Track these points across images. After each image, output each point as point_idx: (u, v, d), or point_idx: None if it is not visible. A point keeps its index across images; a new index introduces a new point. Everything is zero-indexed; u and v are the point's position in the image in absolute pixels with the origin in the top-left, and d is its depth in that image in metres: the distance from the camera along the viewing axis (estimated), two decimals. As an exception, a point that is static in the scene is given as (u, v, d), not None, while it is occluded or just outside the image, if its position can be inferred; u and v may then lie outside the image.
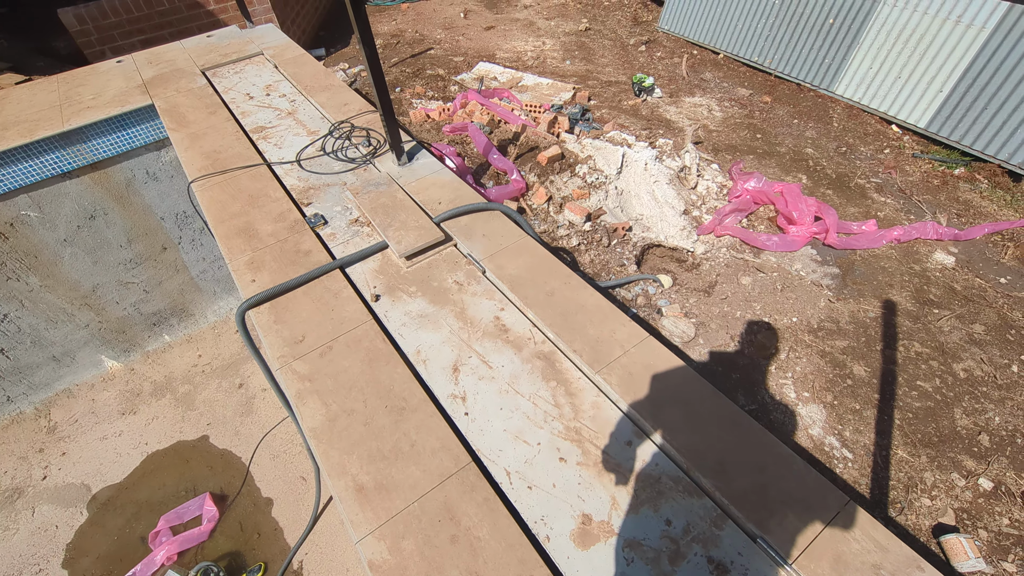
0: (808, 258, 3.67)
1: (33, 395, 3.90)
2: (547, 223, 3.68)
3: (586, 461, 1.42)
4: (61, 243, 3.49)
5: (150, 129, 3.33)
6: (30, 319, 3.61)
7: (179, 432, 3.74)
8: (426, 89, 5.36)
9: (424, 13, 7.56)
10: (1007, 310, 3.28)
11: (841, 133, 4.96)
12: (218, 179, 2.47)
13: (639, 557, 1.24)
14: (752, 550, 1.24)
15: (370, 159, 2.55)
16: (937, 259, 3.63)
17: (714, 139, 4.87)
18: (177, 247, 4.01)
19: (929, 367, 2.99)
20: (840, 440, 2.68)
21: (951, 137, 4.55)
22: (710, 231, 3.81)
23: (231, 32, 4.00)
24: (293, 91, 3.17)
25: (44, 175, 3.15)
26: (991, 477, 2.53)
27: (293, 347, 1.74)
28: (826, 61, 5.28)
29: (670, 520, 1.30)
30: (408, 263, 2.02)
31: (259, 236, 2.16)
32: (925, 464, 2.59)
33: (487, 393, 1.59)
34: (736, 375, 2.98)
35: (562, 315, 1.79)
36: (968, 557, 2.20)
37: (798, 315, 3.28)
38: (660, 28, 6.88)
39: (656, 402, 1.52)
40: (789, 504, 1.30)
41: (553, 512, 1.33)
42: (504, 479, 1.40)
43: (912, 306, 3.33)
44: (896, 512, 2.44)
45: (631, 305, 3.31)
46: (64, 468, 3.59)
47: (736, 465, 1.37)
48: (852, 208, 4.09)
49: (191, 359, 4.22)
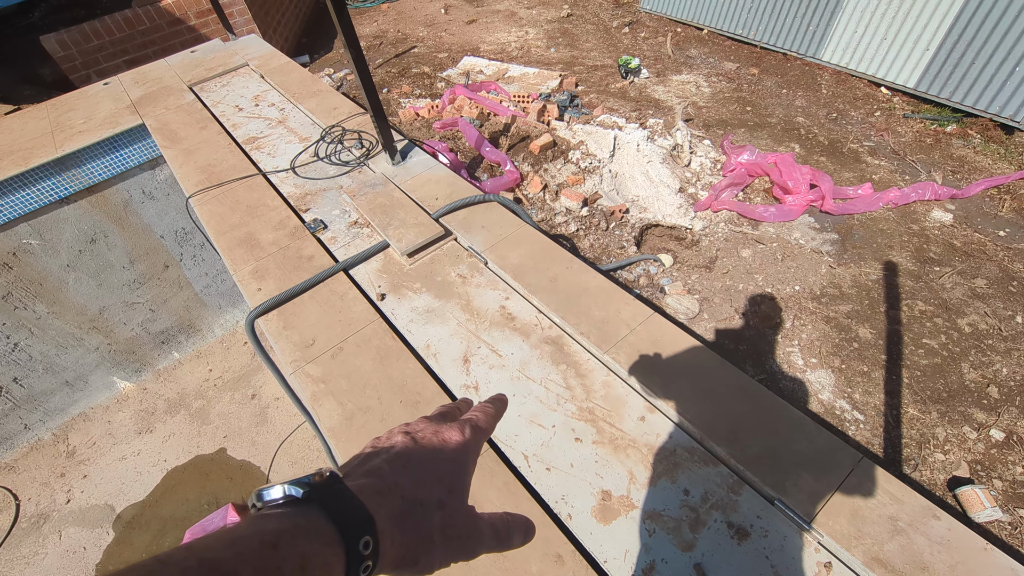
0: (806, 226, 3.68)
1: (50, 421, 3.94)
2: (544, 211, 3.70)
3: (601, 439, 1.45)
4: (65, 269, 3.52)
5: (143, 148, 3.34)
6: (40, 346, 3.65)
7: (196, 447, 3.78)
8: (413, 88, 5.35)
9: (405, 12, 7.53)
10: (1007, 263, 3.29)
11: (830, 99, 4.95)
12: (215, 192, 2.49)
13: (660, 528, 1.27)
14: (770, 512, 1.27)
15: (364, 161, 2.57)
16: (935, 217, 3.64)
17: (704, 115, 4.87)
18: (179, 264, 4.03)
19: (934, 324, 3.01)
20: (850, 403, 2.71)
21: (941, 95, 4.54)
22: (707, 207, 3.83)
23: (214, 46, 4.00)
24: (281, 99, 3.18)
25: (42, 202, 3.17)
26: (1002, 427, 2.56)
27: (304, 351, 1.76)
28: (810, 28, 5.26)
29: (688, 490, 1.32)
30: (410, 260, 2.04)
31: (261, 245, 2.18)
32: (936, 420, 2.61)
33: (499, 381, 1.62)
34: (743, 347, 3.00)
35: (566, 299, 1.81)
36: (984, 507, 2.23)
37: (800, 283, 3.30)
38: (642, 8, 6.85)
39: (665, 376, 1.54)
40: (803, 465, 1.32)
41: (573, 491, 1.36)
42: (522, 463, 1.43)
43: (913, 266, 3.34)
44: (910, 469, 2.47)
45: (633, 286, 3.33)
46: (87, 490, 3.64)
47: (749, 431, 1.40)
48: (847, 173, 4.10)
49: (202, 374, 4.26)
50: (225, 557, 0.32)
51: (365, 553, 0.39)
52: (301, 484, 0.40)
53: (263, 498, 0.40)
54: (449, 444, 0.50)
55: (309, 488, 0.40)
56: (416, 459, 0.48)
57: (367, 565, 0.39)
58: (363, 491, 0.42)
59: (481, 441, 0.55)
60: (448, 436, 0.51)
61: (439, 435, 0.51)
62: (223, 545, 0.33)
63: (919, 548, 1.16)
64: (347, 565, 0.37)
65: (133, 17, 4.91)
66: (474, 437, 0.53)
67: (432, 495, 0.46)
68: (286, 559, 0.34)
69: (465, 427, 0.53)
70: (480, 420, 0.56)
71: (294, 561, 0.34)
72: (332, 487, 0.41)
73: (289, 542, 0.35)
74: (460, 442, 0.51)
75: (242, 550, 0.33)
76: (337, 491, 0.41)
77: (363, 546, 0.38)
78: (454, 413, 0.57)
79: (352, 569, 0.38)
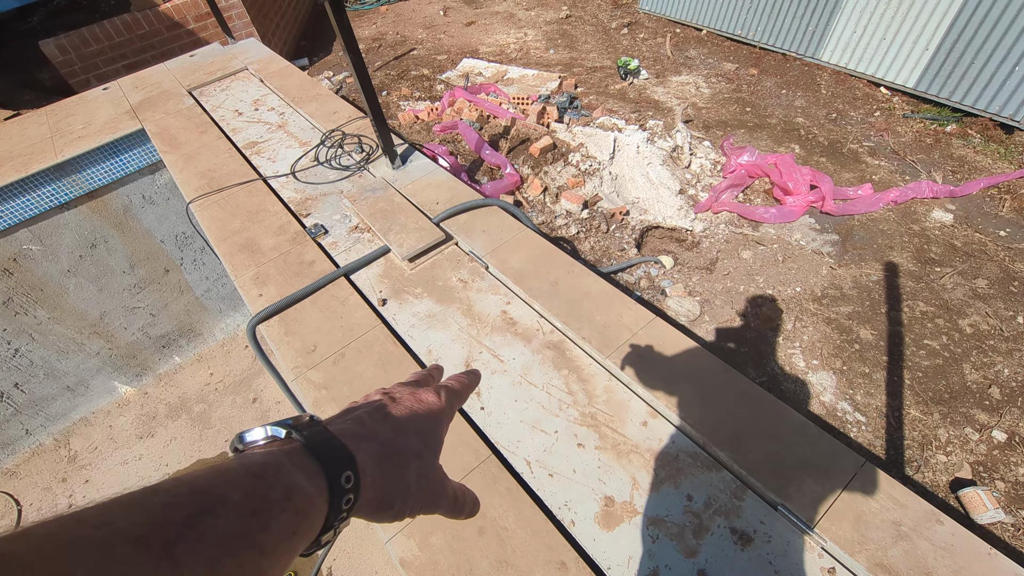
0: (807, 227, 3.68)
1: (51, 426, 3.94)
2: (544, 214, 3.70)
3: (604, 445, 1.45)
4: (65, 274, 3.52)
5: (143, 153, 3.34)
6: (41, 351, 3.65)
7: (198, 451, 3.78)
8: (412, 90, 5.35)
9: (403, 14, 7.53)
10: (1008, 262, 3.29)
11: (830, 100, 4.95)
12: (215, 198, 2.49)
13: (664, 534, 1.27)
14: (774, 517, 1.26)
15: (364, 165, 2.57)
16: (935, 217, 3.64)
17: (704, 116, 4.87)
18: (179, 268, 4.03)
19: (935, 325, 3.00)
20: (852, 404, 2.71)
21: (940, 94, 4.54)
22: (707, 208, 3.82)
23: (213, 50, 4.00)
24: (281, 104, 3.18)
25: (42, 208, 3.17)
26: (1004, 428, 2.55)
27: (306, 357, 1.76)
28: (809, 28, 5.26)
29: (691, 495, 1.32)
30: (411, 265, 2.04)
31: (262, 251, 2.18)
32: (938, 421, 2.61)
33: (501, 386, 1.62)
34: (744, 349, 3.00)
35: (568, 304, 1.81)
36: (987, 509, 2.23)
37: (801, 284, 3.30)
38: (641, 9, 6.85)
39: (668, 381, 1.54)
40: (806, 470, 1.32)
41: (576, 497, 1.36)
42: (525, 469, 1.43)
43: (914, 266, 3.34)
44: (913, 471, 2.47)
45: (634, 288, 3.33)
46: (89, 495, 3.63)
47: (751, 436, 1.39)
48: (847, 174, 4.10)
49: (203, 378, 4.25)
50: (214, 484, 0.33)
51: (347, 487, 0.40)
52: (283, 424, 0.42)
53: (244, 440, 0.41)
54: (426, 404, 0.52)
55: (291, 428, 0.41)
56: (395, 413, 0.50)
57: (348, 498, 0.41)
58: (344, 434, 0.44)
59: (455, 407, 0.57)
60: (425, 397, 0.53)
61: (416, 396, 0.53)
62: (211, 475, 0.34)
63: (923, 553, 1.16)
64: (330, 496, 0.39)
65: (132, 21, 4.91)
66: (449, 401, 0.55)
67: (410, 446, 0.48)
68: (272, 487, 0.35)
69: (441, 391, 0.55)
70: (455, 386, 0.58)
71: (279, 490, 0.36)
72: (313, 428, 0.43)
73: (274, 473, 0.36)
74: (436, 403, 0.53)
75: (230, 479, 0.34)
76: (318, 431, 0.42)
77: (344, 480, 0.40)
78: (428, 380, 0.59)
79: (335, 500, 0.39)
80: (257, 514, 0.34)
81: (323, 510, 0.39)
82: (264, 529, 0.34)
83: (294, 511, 0.36)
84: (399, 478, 0.46)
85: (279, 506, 0.35)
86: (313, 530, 0.38)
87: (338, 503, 0.40)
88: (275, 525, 0.34)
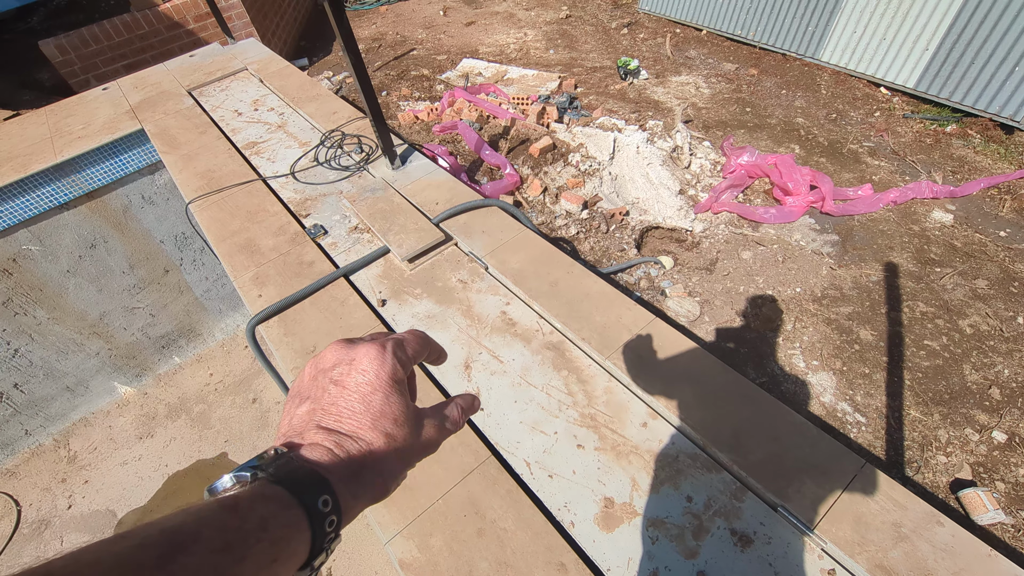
0: (807, 227, 3.68)
1: (51, 426, 3.94)
2: (544, 214, 3.70)
3: (603, 446, 1.44)
4: (65, 274, 3.51)
5: (142, 154, 3.34)
6: (41, 352, 3.64)
7: (198, 451, 3.77)
8: (412, 90, 5.35)
9: (403, 14, 7.53)
10: (1008, 263, 3.29)
11: (830, 100, 4.95)
12: (215, 198, 2.49)
13: (663, 535, 1.27)
14: (774, 519, 1.26)
15: (364, 165, 2.56)
16: (935, 218, 3.64)
17: (704, 116, 4.87)
18: (179, 269, 4.03)
19: (935, 326, 3.00)
20: (852, 405, 2.70)
21: (940, 94, 4.53)
22: (707, 209, 3.82)
23: (213, 50, 4.00)
24: (281, 104, 3.18)
25: (42, 208, 3.17)
26: (1004, 429, 2.55)
27: (305, 358, 1.76)
28: (809, 28, 5.26)
29: (691, 496, 1.32)
30: (411, 266, 2.04)
31: (261, 251, 2.18)
32: (938, 422, 2.61)
33: (500, 387, 1.61)
34: (744, 350, 3.00)
35: (567, 304, 1.80)
36: (987, 509, 2.22)
37: (801, 285, 3.30)
38: (641, 9, 6.85)
39: (667, 382, 1.54)
40: (806, 471, 1.32)
41: (576, 498, 1.36)
42: (524, 470, 1.42)
43: (914, 267, 3.34)
44: (913, 471, 2.46)
45: (634, 289, 3.33)
46: (88, 496, 3.63)
47: (751, 437, 1.39)
48: (847, 174, 4.10)
49: (203, 378, 4.25)
50: (186, 523, 0.33)
51: (326, 511, 0.40)
52: (247, 466, 0.41)
53: (215, 491, 0.41)
54: (366, 374, 0.48)
55: (255, 468, 0.41)
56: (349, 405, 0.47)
57: (331, 519, 0.41)
58: (314, 455, 0.44)
59: (407, 356, 0.52)
60: (361, 364, 0.49)
61: (353, 366, 0.49)
62: (184, 514, 0.34)
63: (923, 555, 1.16)
64: (310, 521, 0.39)
65: (132, 21, 4.91)
66: (394, 351, 0.51)
67: (377, 439, 0.46)
68: (245, 519, 0.35)
69: (386, 343, 0.51)
70: (400, 337, 0.54)
71: (253, 521, 0.36)
72: (279, 460, 0.42)
73: (248, 506, 0.37)
74: (376, 364, 0.49)
75: (204, 516, 0.34)
76: (284, 463, 0.42)
77: (322, 504, 0.40)
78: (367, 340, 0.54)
79: (316, 525, 0.40)
80: (232, 547, 0.34)
81: (306, 536, 0.39)
82: (239, 561, 0.34)
83: (271, 540, 0.36)
84: (381, 475, 0.46)
85: (255, 536, 0.35)
86: (297, 556, 0.39)
87: (320, 527, 0.40)
88: (251, 556, 0.34)
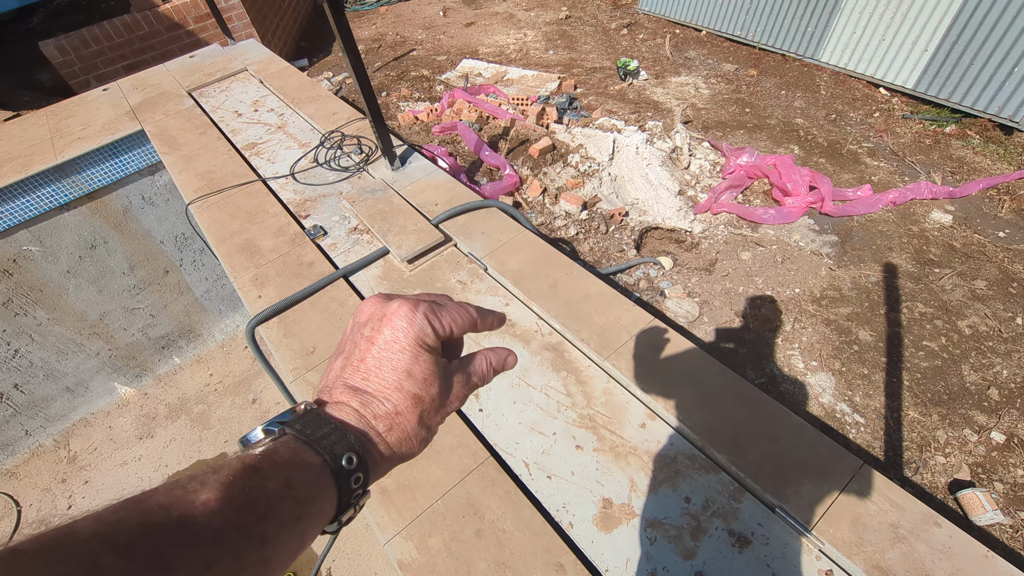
0: (806, 228, 3.68)
1: (51, 427, 3.94)
2: (544, 215, 3.70)
3: (602, 447, 1.45)
4: (65, 275, 3.52)
5: (142, 154, 3.34)
6: (41, 352, 3.65)
7: (198, 452, 3.78)
8: (412, 91, 5.36)
9: (403, 15, 7.54)
10: (1007, 264, 3.29)
11: (829, 101, 4.95)
12: (215, 199, 2.49)
13: (661, 536, 1.27)
14: (771, 520, 1.27)
15: (363, 166, 2.57)
16: (934, 218, 3.64)
17: (703, 117, 4.87)
18: (179, 269, 4.04)
19: (934, 326, 3.01)
20: (851, 406, 2.71)
21: (940, 95, 4.54)
22: (706, 209, 3.83)
23: (213, 51, 4.00)
24: (281, 105, 3.18)
25: (42, 209, 3.17)
26: (1003, 430, 2.56)
27: (305, 359, 1.76)
28: (809, 29, 5.26)
29: (689, 497, 1.33)
30: (410, 267, 2.04)
31: (261, 252, 2.18)
32: (937, 423, 2.61)
33: (499, 388, 1.62)
34: (743, 350, 3.00)
35: (567, 305, 1.81)
36: (985, 510, 2.23)
37: (800, 286, 3.30)
38: (640, 10, 6.86)
39: (666, 383, 1.54)
40: (804, 472, 1.32)
41: (574, 499, 1.36)
42: (523, 471, 1.43)
43: (913, 267, 3.34)
44: (911, 472, 2.47)
45: (633, 290, 3.33)
46: (88, 496, 3.63)
47: (749, 438, 1.40)
48: (846, 175, 4.10)
49: (203, 379, 4.25)
50: (209, 483, 0.34)
51: (350, 468, 0.41)
52: (278, 420, 0.42)
53: (249, 441, 0.41)
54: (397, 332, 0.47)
55: (284, 424, 0.41)
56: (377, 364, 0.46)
57: (357, 476, 0.41)
58: (340, 414, 0.44)
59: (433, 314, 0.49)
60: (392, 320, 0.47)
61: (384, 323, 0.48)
62: (207, 472, 0.35)
63: (920, 556, 1.16)
64: (336, 479, 0.40)
65: (132, 22, 4.91)
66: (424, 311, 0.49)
67: (403, 399, 0.46)
68: (268, 479, 0.36)
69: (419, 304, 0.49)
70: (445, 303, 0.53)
71: (278, 480, 0.36)
72: (307, 417, 0.43)
73: (271, 466, 0.37)
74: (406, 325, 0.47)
75: (226, 476, 0.35)
76: (312, 419, 0.42)
77: (346, 462, 0.41)
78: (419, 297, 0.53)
79: (342, 483, 0.40)
80: (255, 505, 0.34)
81: (331, 494, 0.40)
82: (263, 519, 0.34)
83: (296, 499, 0.37)
84: (407, 434, 0.46)
85: (278, 495, 0.36)
86: (323, 514, 0.39)
87: (347, 484, 0.40)
88: (275, 514, 0.35)
